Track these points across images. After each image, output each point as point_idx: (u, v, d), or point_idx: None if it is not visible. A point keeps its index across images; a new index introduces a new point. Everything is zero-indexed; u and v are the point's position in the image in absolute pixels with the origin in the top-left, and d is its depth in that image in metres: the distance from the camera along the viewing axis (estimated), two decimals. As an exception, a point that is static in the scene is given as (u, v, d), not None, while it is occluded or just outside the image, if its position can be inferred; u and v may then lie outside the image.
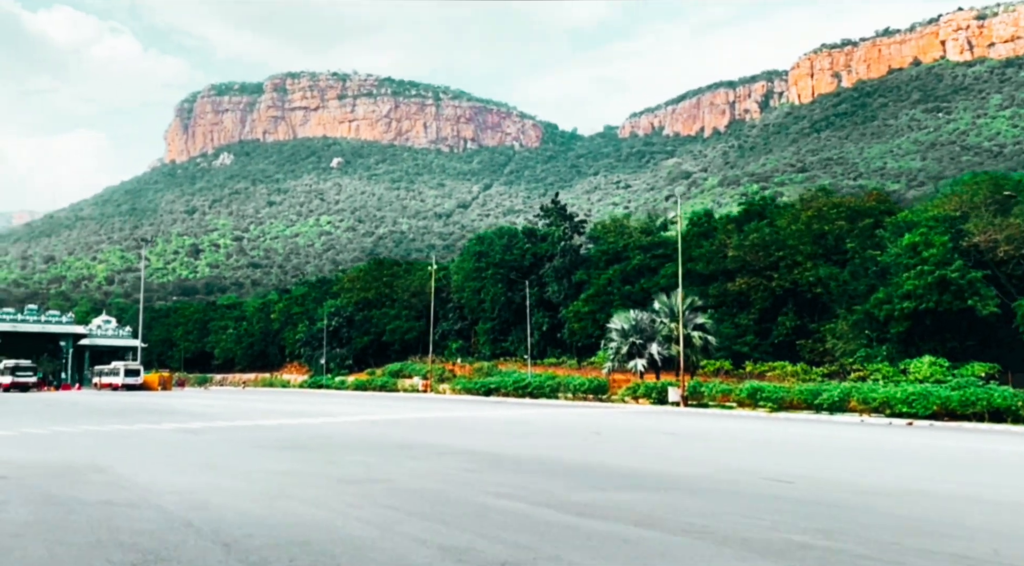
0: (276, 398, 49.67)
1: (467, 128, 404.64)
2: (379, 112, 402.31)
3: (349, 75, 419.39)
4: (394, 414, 30.48)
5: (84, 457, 13.66)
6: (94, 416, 27.78)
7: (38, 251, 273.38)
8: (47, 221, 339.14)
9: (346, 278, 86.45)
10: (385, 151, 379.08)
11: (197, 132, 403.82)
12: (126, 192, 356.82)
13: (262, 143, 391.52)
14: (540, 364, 58.06)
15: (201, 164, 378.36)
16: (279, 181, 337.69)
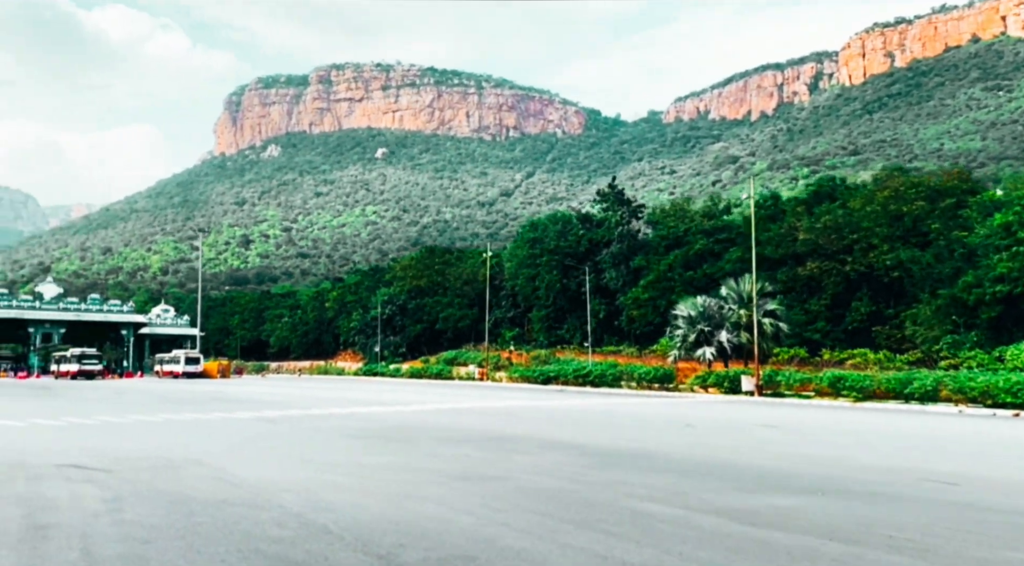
0: (336, 386, 49.57)
1: (509, 116, 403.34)
2: (422, 102, 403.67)
3: (392, 66, 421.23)
4: (461, 403, 29.75)
5: (177, 449, 13.10)
6: (167, 404, 27.66)
7: (96, 243, 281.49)
8: (103, 214, 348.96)
9: (398, 266, 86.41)
10: (428, 141, 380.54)
11: (245, 125, 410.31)
12: (178, 184, 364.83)
13: (308, 135, 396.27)
14: (598, 352, 56.89)
15: (250, 156, 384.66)
16: (325, 172, 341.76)
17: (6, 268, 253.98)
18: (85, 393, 37.87)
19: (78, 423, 18.96)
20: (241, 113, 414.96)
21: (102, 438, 15.11)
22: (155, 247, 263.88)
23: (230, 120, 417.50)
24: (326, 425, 18.48)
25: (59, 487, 8.94)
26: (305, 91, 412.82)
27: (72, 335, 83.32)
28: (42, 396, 34.32)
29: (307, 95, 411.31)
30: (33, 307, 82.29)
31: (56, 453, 12.27)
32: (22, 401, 29.75)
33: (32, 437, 15.21)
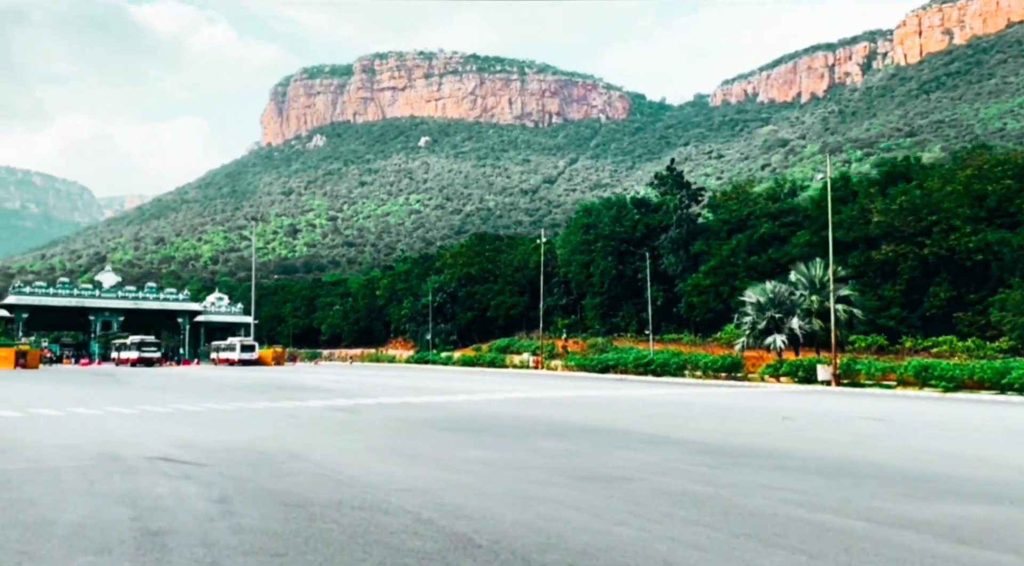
0: (392, 374, 49.20)
1: (552, 102, 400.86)
2: (464, 89, 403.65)
3: (435, 54, 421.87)
4: (527, 392, 28.85)
5: (265, 441, 12.42)
6: (234, 392, 27.39)
7: (149, 233, 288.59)
8: (156, 204, 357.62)
9: (448, 254, 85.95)
10: (471, 128, 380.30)
11: (291, 115, 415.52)
12: (227, 175, 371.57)
13: (352, 124, 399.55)
14: (656, 340, 55.47)
15: (296, 146, 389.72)
16: (369, 161, 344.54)
17: (64, 258, 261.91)
18: (150, 380, 38.11)
19: (153, 411, 18.58)
20: (287, 104, 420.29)
21: (183, 428, 14.57)
22: (205, 237, 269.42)
23: (276, 111, 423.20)
24: (408, 416, 17.73)
25: (159, 484, 8.25)
26: (349, 81, 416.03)
27: (130, 323, 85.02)
28: (110, 384, 34.54)
29: (351, 85, 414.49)
30: (93, 295, 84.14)
31: (143, 445, 11.69)
32: (93, 389, 29.87)
33: (113, 426, 14.75)
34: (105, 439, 12.38)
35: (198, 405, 20.68)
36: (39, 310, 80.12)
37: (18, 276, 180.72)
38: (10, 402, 21.44)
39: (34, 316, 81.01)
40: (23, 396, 24.32)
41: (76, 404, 20.73)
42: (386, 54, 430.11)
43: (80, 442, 11.85)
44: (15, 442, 11.83)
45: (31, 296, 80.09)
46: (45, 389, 29.12)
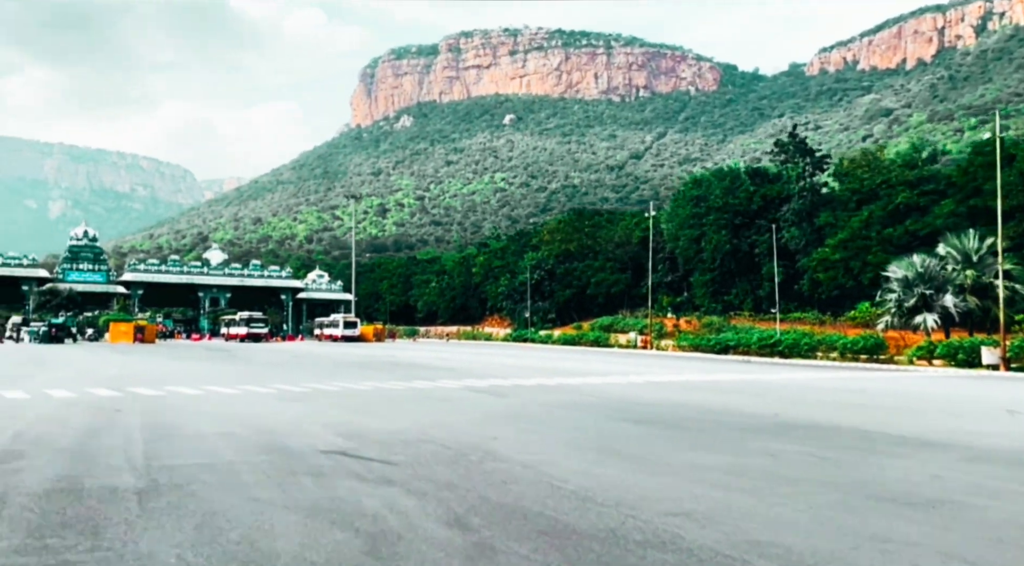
0: (498, 351, 47.80)
1: (639, 75, 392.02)
2: (550, 65, 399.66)
3: (520, 30, 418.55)
4: (656, 375, 26.52)
5: (438, 429, 10.73)
6: (354, 369, 26.38)
7: (247, 213, 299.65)
8: (252, 186, 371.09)
9: (545, 231, 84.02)
10: (556, 105, 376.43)
11: (379, 96, 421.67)
12: (318, 157, 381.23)
13: (438, 104, 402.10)
14: (784, 320, 51.98)
15: (384, 127, 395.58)
16: (455, 140, 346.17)
17: (170, 238, 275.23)
18: (264, 356, 37.97)
19: (289, 391, 17.45)
20: (375, 85, 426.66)
21: (334, 411, 13.18)
22: (300, 216, 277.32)
23: (365, 92, 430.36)
24: (563, 400, 15.89)
25: (362, 493, 6.59)
26: (435, 60, 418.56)
27: (236, 299, 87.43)
28: (230, 359, 34.41)
29: (437, 64, 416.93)
30: (202, 273, 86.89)
31: (307, 433, 10.22)
32: (216, 364, 29.57)
33: (261, 409, 13.51)
34: (263, 425, 11.01)
35: (329, 384, 19.53)
36: (153, 286, 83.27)
37: (130, 255, 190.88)
38: (146, 378, 20.92)
39: (148, 292, 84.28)
40: (156, 372, 23.96)
41: (209, 382, 19.95)
42: (471, 32, 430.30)
43: (240, 430, 10.50)
44: (172, 428, 10.61)
45: (145, 273, 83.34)
46: (172, 365, 28.99)
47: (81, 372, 23.46)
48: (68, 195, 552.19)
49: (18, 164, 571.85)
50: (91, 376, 21.73)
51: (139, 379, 20.57)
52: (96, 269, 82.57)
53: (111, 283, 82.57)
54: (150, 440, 9.43)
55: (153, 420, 11.50)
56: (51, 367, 26.28)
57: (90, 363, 29.37)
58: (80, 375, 22.18)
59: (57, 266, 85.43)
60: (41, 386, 17.81)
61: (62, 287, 75.53)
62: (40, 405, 13.49)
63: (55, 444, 9.03)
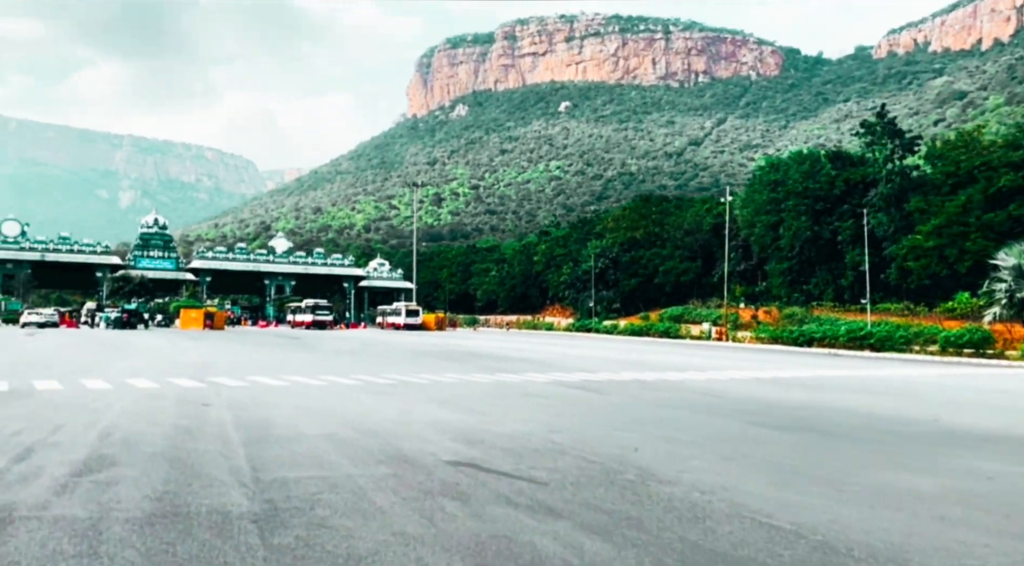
0: (567, 342, 46.35)
1: (698, 60, 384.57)
2: (606, 51, 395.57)
3: (576, 16, 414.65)
4: (758, 370, 24.63)
5: (561, 435, 9.35)
6: (429, 359, 25.31)
7: (307, 203, 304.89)
8: (312, 176, 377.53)
9: (609, 218, 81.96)
10: (612, 91, 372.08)
11: (435, 86, 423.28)
12: (375, 147, 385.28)
13: (493, 92, 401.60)
14: (863, 310, 49.09)
15: (439, 116, 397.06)
16: (510, 129, 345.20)
17: (234, 227, 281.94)
18: (333, 344, 37.37)
19: (374, 382, 16.38)
20: (431, 75, 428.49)
21: (434, 409, 11.95)
22: (358, 206, 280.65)
23: (421, 82, 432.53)
24: (676, 399, 14.35)
25: (525, 526, 5.24)
26: (491, 49, 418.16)
27: (300, 287, 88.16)
28: (300, 347, 33.84)
29: (492, 52, 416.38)
30: (268, 260, 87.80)
31: (419, 437, 8.97)
32: (289, 352, 28.93)
33: (356, 406, 12.38)
34: (365, 425, 9.82)
35: (412, 376, 18.41)
36: (220, 274, 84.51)
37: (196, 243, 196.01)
38: (224, 367, 20.21)
39: (215, 279, 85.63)
40: (232, 360, 23.31)
41: (287, 371, 19.08)
42: (527, 19, 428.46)
43: (342, 430, 9.32)
44: (269, 427, 9.51)
45: (213, 260, 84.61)
46: (246, 352, 28.46)
47: (158, 359, 22.98)
48: (137, 185, 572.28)
49: (91, 155, 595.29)
50: (169, 364, 21.16)
51: (218, 368, 19.85)
52: (166, 256, 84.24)
53: (180, 270, 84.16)
54: (249, 443, 8.32)
55: (245, 417, 10.44)
56: (128, 354, 25.97)
57: (166, 350, 29.10)
58: (158, 363, 21.65)
59: (128, 253, 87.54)
60: (122, 375, 17.16)
61: (134, 273, 77.20)
62: (124, 397, 12.65)
63: (147, 447, 8.00)
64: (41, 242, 79.68)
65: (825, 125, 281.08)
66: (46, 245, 79.60)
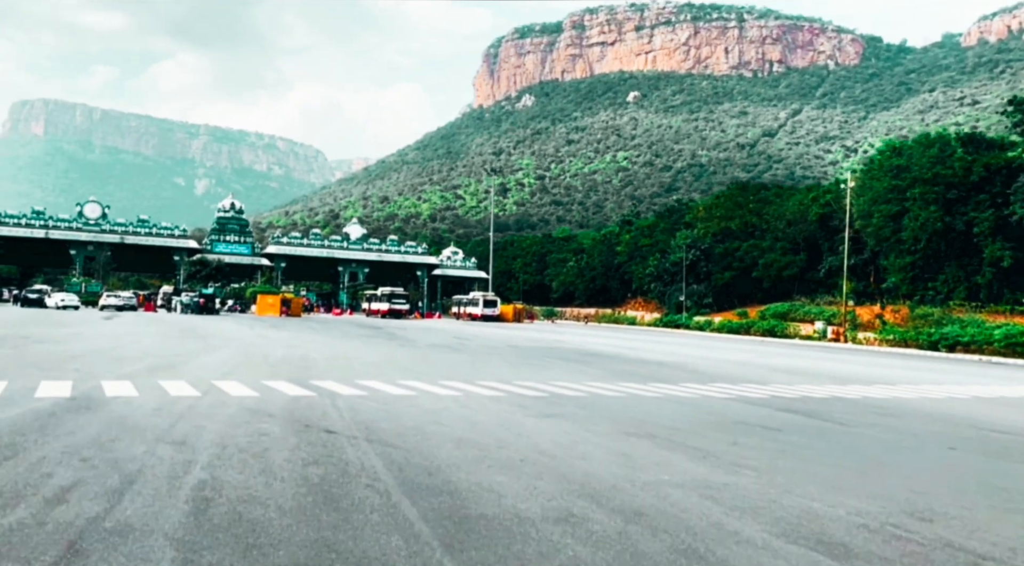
0: (670, 340, 42.00)
1: (773, 49, 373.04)
2: (677, 40, 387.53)
3: (647, 5, 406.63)
4: (958, 385, 20.12)
5: (813, 485, 5.52)
6: (542, 360, 21.66)
7: (374, 192, 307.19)
8: (379, 166, 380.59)
9: (700, 206, 76.79)
10: (682, 81, 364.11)
11: (501, 76, 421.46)
12: (441, 137, 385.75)
13: (560, 82, 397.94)
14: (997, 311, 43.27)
15: (505, 107, 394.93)
16: (577, 119, 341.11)
17: (304, 215, 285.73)
18: (419, 335, 34.07)
19: (519, 393, 12.75)
20: (498, 65, 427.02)
21: (661, 451, 8.17)
22: (424, 196, 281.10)
23: (488, 72, 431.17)
24: (967, 436, 10.26)
25: None
26: (558, 38, 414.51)
27: (374, 274, 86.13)
28: (388, 338, 30.60)
29: (560, 42, 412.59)
30: (342, 247, 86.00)
31: (717, 528, 5.21)
32: (379, 344, 25.64)
33: (538, 439, 8.70)
34: (600, 492, 6.10)
35: (554, 384, 14.76)
36: (294, 259, 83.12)
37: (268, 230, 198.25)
38: (320, 363, 16.93)
39: (289, 265, 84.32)
40: (325, 353, 20.02)
41: (400, 372, 15.67)
42: (596, 9, 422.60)
43: (576, 505, 5.60)
44: (451, 491, 5.83)
45: (288, 246, 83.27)
46: (335, 344, 25.25)
47: (246, 352, 19.95)
48: (212, 174, 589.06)
49: (169, 144, 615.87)
50: (260, 358, 18.06)
51: (317, 366, 16.61)
52: (242, 241, 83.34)
53: (255, 255, 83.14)
54: (446, 538, 4.69)
55: (400, 460, 6.89)
56: (211, 343, 23.15)
57: (249, 339, 26.28)
58: (244, 356, 18.58)
59: (205, 238, 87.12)
60: (208, 373, 14.02)
61: (210, 258, 76.39)
62: (217, 414, 9.30)
63: (269, 526, 4.50)
64: (120, 224, 79.66)
65: (908, 116, 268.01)
66: (125, 228, 79.54)
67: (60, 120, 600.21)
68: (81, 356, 16.30)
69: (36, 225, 75.32)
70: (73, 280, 71.23)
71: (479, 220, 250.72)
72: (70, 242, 75.72)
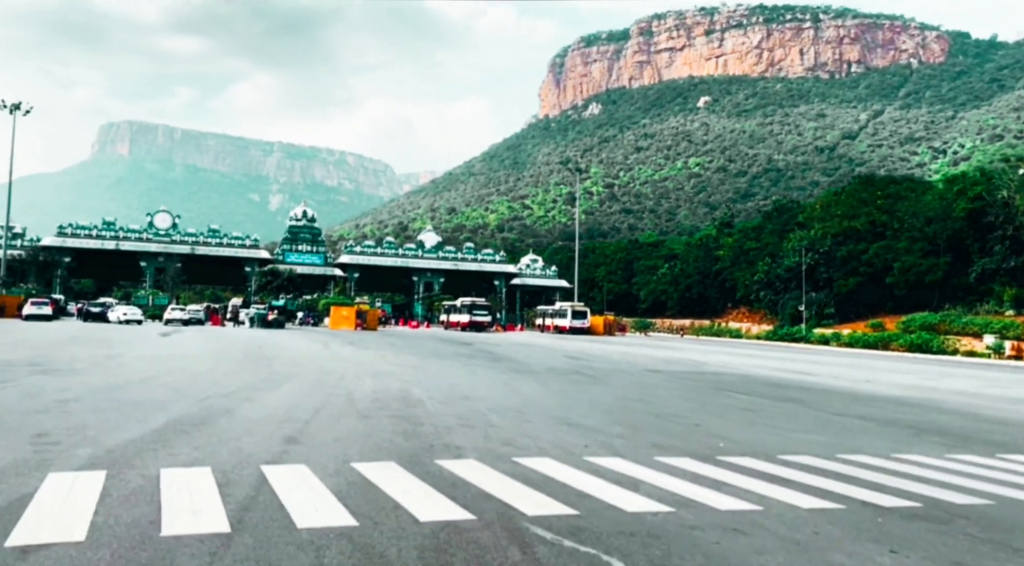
0: (805, 357, 34.55)
1: (851, 49, 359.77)
2: (749, 43, 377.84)
3: (717, 8, 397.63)
4: None
5: None
6: (704, 393, 15.15)
7: (442, 203, 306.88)
8: (447, 178, 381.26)
9: (818, 204, 68.46)
10: (755, 84, 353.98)
11: (568, 85, 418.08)
12: (507, 148, 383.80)
13: (628, 89, 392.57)
14: None
15: (572, 116, 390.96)
16: (645, 126, 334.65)
17: (374, 227, 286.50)
18: (532, 356, 27.73)
19: (780, 475, 6.34)
20: (564, 74, 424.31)
21: None
22: (491, 206, 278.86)
23: (553, 82, 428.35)
24: None
25: None
26: (625, 46, 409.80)
27: (449, 284, 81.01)
28: (493, 363, 24.31)
29: (627, 49, 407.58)
30: (416, 255, 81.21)
31: None
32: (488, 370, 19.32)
33: None
34: None
35: (854, 462, 8.31)
36: (367, 269, 78.86)
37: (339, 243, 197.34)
38: (443, 417, 10.66)
39: (363, 276, 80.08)
40: (444, 395, 13.83)
41: (571, 435, 9.42)
42: (664, 14, 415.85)
43: None
44: None
45: (361, 255, 79.09)
46: (433, 370, 19.07)
47: (317, 385, 14.08)
48: (285, 189, 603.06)
49: (245, 161, 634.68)
50: (338, 398, 12.12)
51: (424, 412, 10.54)
52: (314, 251, 79.59)
53: (328, 265, 79.21)
54: None
55: None
56: (273, 370, 17.46)
57: (323, 362, 20.59)
58: (319, 396, 12.67)
59: (277, 248, 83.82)
60: (257, 440, 8.09)
61: (282, 268, 72.69)
62: None
63: None
64: (191, 235, 76.85)
65: (1002, 114, 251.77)
66: (196, 238, 76.67)
67: (143, 140, 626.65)
68: (73, 401, 10.62)
69: (107, 236, 73.04)
70: (140, 293, 68.31)
71: (548, 229, 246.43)
72: (140, 253, 73.13)
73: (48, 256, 70.06)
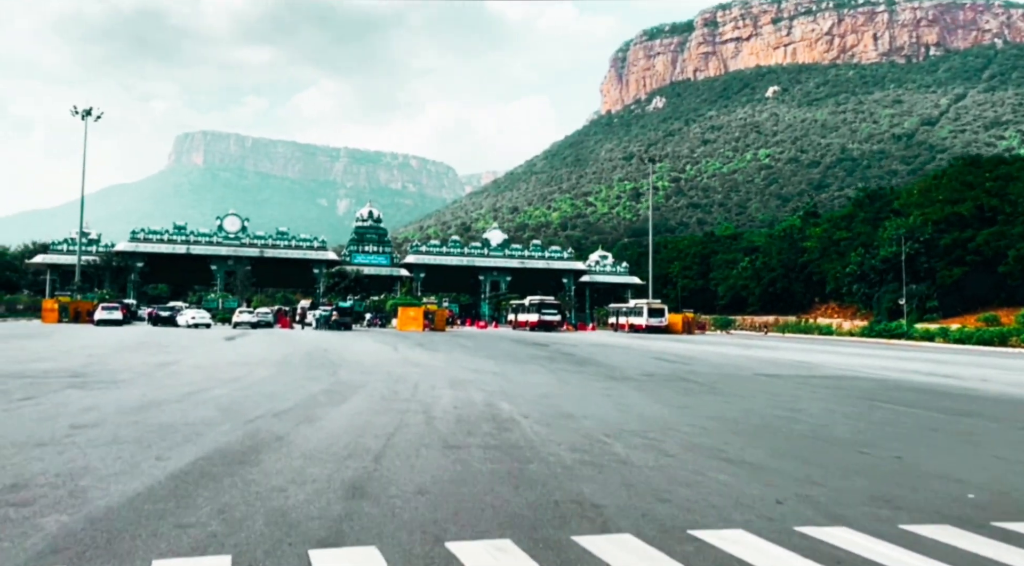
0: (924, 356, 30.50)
1: (929, 32, 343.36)
2: (819, 30, 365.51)
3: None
4: None
5: None
6: (863, 410, 12.10)
7: (504, 203, 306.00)
8: (508, 177, 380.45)
9: (916, 189, 63.17)
10: (827, 72, 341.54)
11: (630, 80, 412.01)
12: (569, 146, 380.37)
13: (693, 82, 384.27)
14: None
15: (635, 111, 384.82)
16: (711, 118, 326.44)
17: (437, 228, 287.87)
18: (627, 360, 24.91)
19: None
20: (626, 69, 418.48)
21: None
22: (554, 204, 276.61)
23: (615, 77, 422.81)
24: None
25: None
26: (689, 37, 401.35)
27: (516, 283, 78.81)
28: (578, 368, 21.56)
29: (691, 41, 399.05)
30: (482, 254, 79.34)
31: None
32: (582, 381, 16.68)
33: None
34: None
35: None
36: (434, 269, 77.41)
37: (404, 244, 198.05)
38: (552, 450, 8.02)
39: (429, 276, 78.69)
40: (532, 408, 11.24)
41: (740, 481, 6.74)
42: (729, 4, 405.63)
43: None
44: None
45: (427, 255, 77.72)
46: (516, 378, 16.48)
47: (389, 400, 11.73)
48: (351, 193, 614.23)
49: (313, 167, 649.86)
50: (414, 417, 9.71)
51: (524, 437, 8.03)
52: (380, 251, 78.67)
53: (394, 266, 78.19)
54: None
55: None
56: (338, 379, 15.28)
57: (393, 367, 18.34)
58: (391, 414, 10.30)
59: (344, 249, 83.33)
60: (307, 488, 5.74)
61: (349, 269, 71.93)
62: None
63: None
64: (260, 238, 76.88)
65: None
66: (264, 241, 76.65)
67: (217, 149, 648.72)
68: (91, 427, 8.49)
69: (178, 241, 73.58)
70: (210, 296, 68.39)
71: (612, 226, 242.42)
72: (210, 257, 73.44)
73: (121, 261, 71.00)
